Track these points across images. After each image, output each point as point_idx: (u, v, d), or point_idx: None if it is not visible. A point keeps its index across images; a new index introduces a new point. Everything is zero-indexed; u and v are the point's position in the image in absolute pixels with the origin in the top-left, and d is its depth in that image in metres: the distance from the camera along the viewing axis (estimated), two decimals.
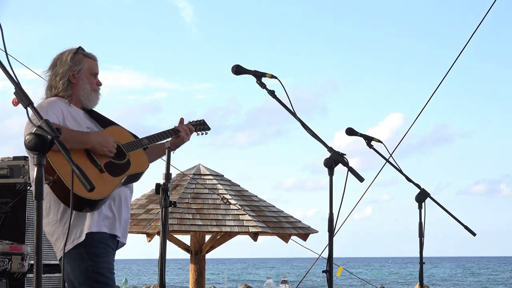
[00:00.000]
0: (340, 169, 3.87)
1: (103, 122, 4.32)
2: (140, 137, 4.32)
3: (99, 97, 4.34)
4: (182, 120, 4.53)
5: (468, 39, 7.88)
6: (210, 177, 11.47)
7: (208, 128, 4.67)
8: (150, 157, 4.39)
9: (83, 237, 3.99)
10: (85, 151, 4.01)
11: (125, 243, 4.25)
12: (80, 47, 4.30)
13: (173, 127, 4.45)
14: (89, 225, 4.00)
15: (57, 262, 6.66)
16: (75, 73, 4.22)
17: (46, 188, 3.94)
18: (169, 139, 4.41)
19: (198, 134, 4.62)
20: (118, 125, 4.32)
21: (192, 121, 4.62)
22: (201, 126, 4.64)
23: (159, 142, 4.38)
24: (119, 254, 4.29)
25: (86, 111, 4.32)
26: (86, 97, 4.25)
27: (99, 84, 4.33)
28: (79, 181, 3.74)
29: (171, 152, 4.52)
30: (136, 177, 4.20)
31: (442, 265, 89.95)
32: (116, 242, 4.18)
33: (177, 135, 4.43)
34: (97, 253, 4.02)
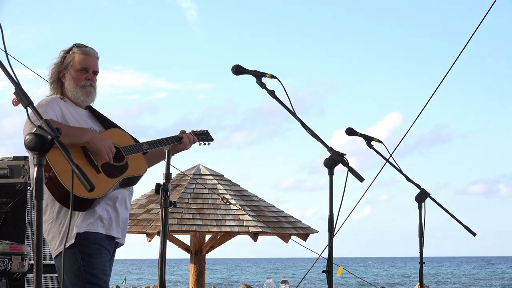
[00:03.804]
0: (339, 169, 3.87)
1: (106, 124, 4.29)
2: (141, 141, 4.30)
3: (90, 93, 4.22)
4: (183, 131, 4.52)
5: (468, 39, 7.88)
6: (210, 177, 11.47)
7: (211, 139, 4.69)
8: (149, 161, 4.37)
9: (73, 239, 3.96)
10: (83, 151, 3.99)
11: (123, 244, 4.22)
12: (75, 44, 4.24)
13: (176, 134, 4.46)
14: (78, 225, 3.98)
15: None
16: (64, 72, 4.19)
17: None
18: (169, 145, 4.41)
19: (200, 144, 4.64)
20: (120, 127, 4.29)
21: (196, 131, 4.62)
22: (204, 136, 4.65)
23: (159, 148, 4.36)
24: (119, 254, 4.29)
25: (90, 110, 4.29)
26: (72, 93, 4.18)
27: (89, 79, 4.20)
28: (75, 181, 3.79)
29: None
30: (133, 180, 4.17)
31: (443, 265, 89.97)
32: (114, 243, 4.16)
33: (180, 142, 4.43)
34: (90, 253, 4.00)
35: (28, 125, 3.83)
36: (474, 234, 5.15)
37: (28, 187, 6.43)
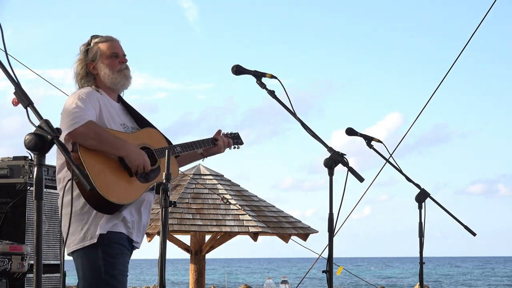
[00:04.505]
0: (339, 169, 3.87)
1: (140, 121, 4.20)
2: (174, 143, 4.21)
3: (128, 75, 4.16)
4: (219, 131, 4.44)
5: (468, 39, 7.88)
6: (210, 177, 11.47)
7: (242, 143, 4.57)
8: (181, 162, 4.31)
9: (95, 239, 3.90)
10: None
11: (138, 248, 4.15)
12: (92, 36, 4.16)
13: (211, 136, 4.38)
14: (103, 226, 3.91)
15: (56, 262, 6.67)
16: (93, 64, 4.11)
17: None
18: (203, 148, 4.32)
19: (230, 148, 4.51)
20: (155, 128, 4.20)
21: (227, 133, 4.52)
22: (235, 140, 4.54)
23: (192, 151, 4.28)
24: None
25: (122, 104, 4.21)
26: (111, 81, 4.11)
27: (123, 61, 4.14)
28: (106, 184, 3.77)
29: (201, 160, 4.46)
30: None
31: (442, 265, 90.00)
32: (131, 246, 4.09)
33: (215, 145, 4.36)
34: (112, 253, 3.93)
35: (74, 98, 3.90)
36: (474, 234, 5.14)
37: (28, 187, 6.44)
